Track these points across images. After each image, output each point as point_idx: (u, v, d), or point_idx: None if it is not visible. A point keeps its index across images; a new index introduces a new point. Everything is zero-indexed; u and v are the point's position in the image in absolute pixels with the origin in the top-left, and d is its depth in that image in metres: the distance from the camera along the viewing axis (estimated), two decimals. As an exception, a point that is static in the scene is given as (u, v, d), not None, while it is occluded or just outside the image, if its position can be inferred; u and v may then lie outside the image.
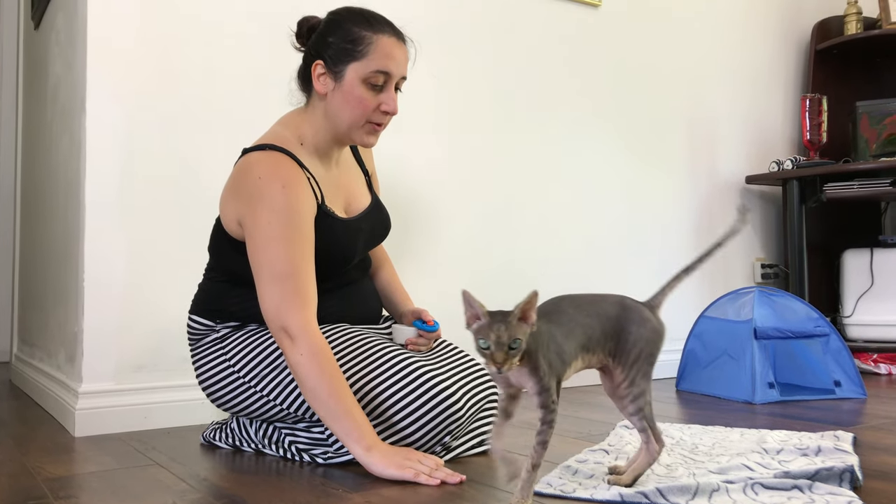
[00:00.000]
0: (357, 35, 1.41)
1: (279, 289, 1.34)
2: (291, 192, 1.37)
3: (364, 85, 1.42)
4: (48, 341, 2.21)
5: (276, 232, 1.35)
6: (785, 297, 2.27)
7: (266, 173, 1.38)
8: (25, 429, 1.78)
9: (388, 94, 1.45)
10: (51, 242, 2.22)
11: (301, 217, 1.38)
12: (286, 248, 1.35)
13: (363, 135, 1.47)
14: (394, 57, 1.43)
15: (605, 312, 1.22)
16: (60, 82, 2.13)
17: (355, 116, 1.44)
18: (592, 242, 2.60)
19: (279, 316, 1.34)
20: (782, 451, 1.39)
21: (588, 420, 1.84)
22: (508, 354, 1.04)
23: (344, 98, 1.43)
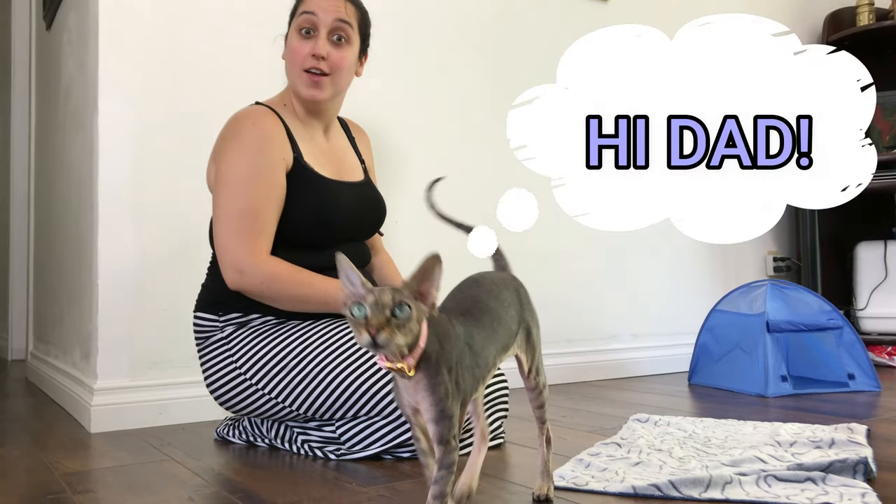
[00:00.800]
0: (297, 1, 1.55)
1: (234, 225, 1.41)
2: (260, 132, 1.46)
3: (297, 35, 1.52)
4: (63, 339, 2.23)
5: (240, 169, 1.44)
6: (798, 291, 2.27)
7: (241, 115, 1.50)
8: (42, 425, 1.80)
9: (317, 40, 1.50)
10: (64, 241, 2.24)
11: (268, 160, 1.45)
12: (247, 186, 1.43)
13: (303, 86, 1.52)
14: (321, 4, 1.50)
15: (512, 297, 1.06)
16: (73, 82, 2.14)
17: (294, 67, 1.53)
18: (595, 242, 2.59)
19: (229, 250, 1.41)
20: (795, 443, 1.39)
21: (600, 414, 1.84)
22: (389, 322, 0.83)
23: (286, 55, 1.55)
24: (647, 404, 1.99)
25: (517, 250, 2.37)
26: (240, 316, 1.50)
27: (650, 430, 1.57)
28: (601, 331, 2.57)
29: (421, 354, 0.88)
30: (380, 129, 2.18)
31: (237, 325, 1.50)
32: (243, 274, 1.41)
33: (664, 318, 2.73)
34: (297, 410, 1.43)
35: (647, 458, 1.30)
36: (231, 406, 1.51)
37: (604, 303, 2.58)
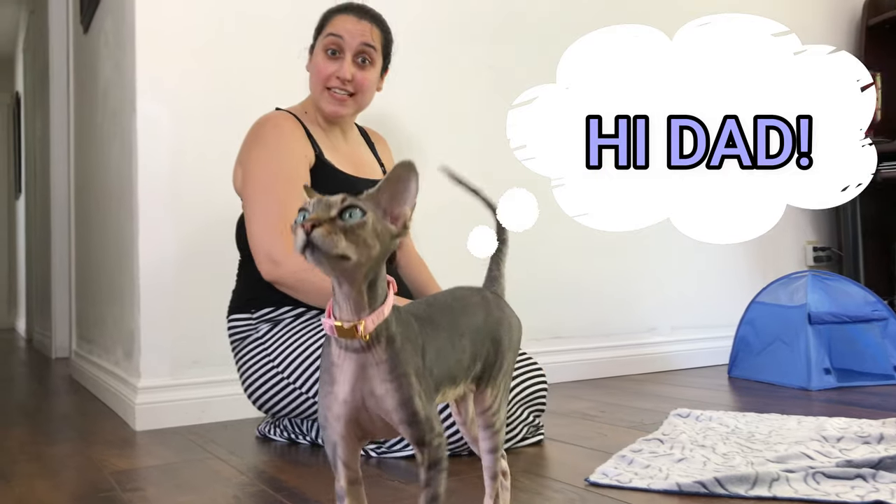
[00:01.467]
0: (324, 16, 1.61)
1: (267, 220, 1.45)
2: (283, 132, 1.52)
3: (323, 53, 1.58)
4: (105, 337, 2.27)
5: (266, 168, 1.48)
6: (840, 281, 2.22)
7: (262, 120, 1.56)
8: (88, 423, 1.83)
9: (343, 62, 1.56)
10: (105, 241, 2.28)
11: (291, 157, 1.50)
12: (275, 183, 1.47)
13: (325, 102, 1.59)
14: (346, 27, 1.56)
15: (474, 323, 0.86)
16: (110, 84, 2.17)
17: (317, 82, 1.60)
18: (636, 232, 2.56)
19: (263, 242, 1.45)
20: (843, 438, 1.36)
21: (640, 409, 1.83)
22: (333, 222, 0.67)
23: (311, 71, 1.62)
24: (687, 398, 1.96)
25: (553, 243, 2.37)
26: (273, 309, 1.51)
27: (692, 425, 1.55)
28: (640, 324, 2.55)
29: (385, 328, 0.70)
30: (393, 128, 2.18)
31: (271, 323, 1.52)
32: (278, 264, 1.44)
33: (703, 311, 2.70)
34: (337, 409, 1.44)
35: (690, 455, 1.29)
36: (270, 408, 1.52)
37: (642, 296, 2.56)
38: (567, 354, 2.36)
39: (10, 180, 6.80)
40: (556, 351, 2.35)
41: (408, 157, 0.78)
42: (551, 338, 2.36)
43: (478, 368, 0.85)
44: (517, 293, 2.37)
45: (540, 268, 2.36)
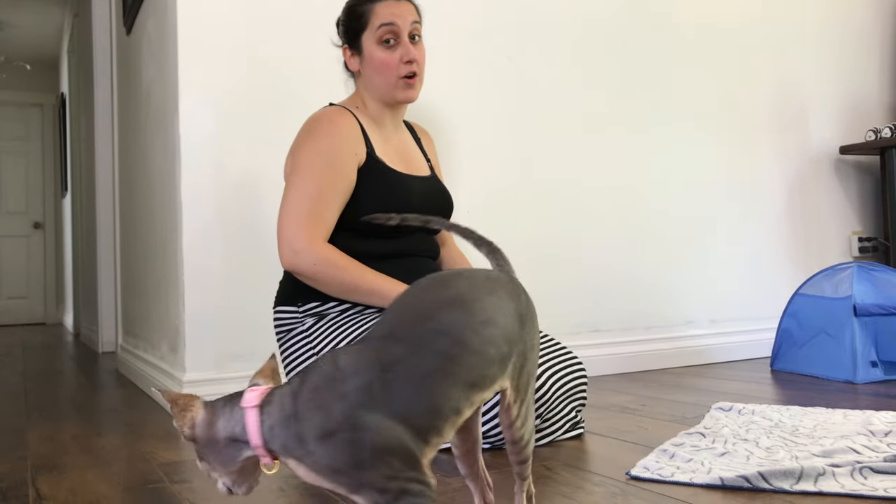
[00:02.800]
0: (360, 10, 1.58)
1: (297, 207, 1.46)
2: (335, 128, 1.52)
3: (380, 46, 1.56)
4: (151, 332, 2.32)
5: (311, 159, 1.49)
6: (887, 272, 2.18)
7: (318, 115, 1.56)
8: (136, 415, 1.88)
9: (405, 45, 1.56)
10: (150, 238, 2.33)
11: (339, 152, 1.50)
12: (316, 173, 1.48)
13: (400, 91, 1.58)
14: (394, 12, 1.56)
15: (506, 308, 0.78)
16: (153, 85, 2.22)
17: (386, 77, 1.57)
18: (675, 226, 2.54)
19: (288, 229, 1.45)
20: (890, 433, 1.34)
21: (680, 402, 1.81)
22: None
23: (371, 66, 1.58)
24: (728, 392, 1.94)
25: (592, 238, 2.36)
26: (318, 305, 1.53)
27: (734, 418, 1.54)
28: (678, 317, 2.52)
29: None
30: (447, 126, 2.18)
31: (317, 317, 1.53)
32: (298, 254, 1.45)
33: (743, 303, 2.66)
34: (376, 401, 1.45)
35: (732, 449, 1.28)
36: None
37: (681, 288, 2.53)
38: (606, 348, 2.35)
39: (56, 179, 6.98)
40: (595, 344, 2.34)
41: (474, 147, 0.79)
42: (590, 331, 2.35)
43: (515, 365, 0.78)
44: (556, 287, 2.38)
45: (579, 263, 2.35)
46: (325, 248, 1.46)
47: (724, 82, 2.66)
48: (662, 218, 2.51)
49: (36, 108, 7.04)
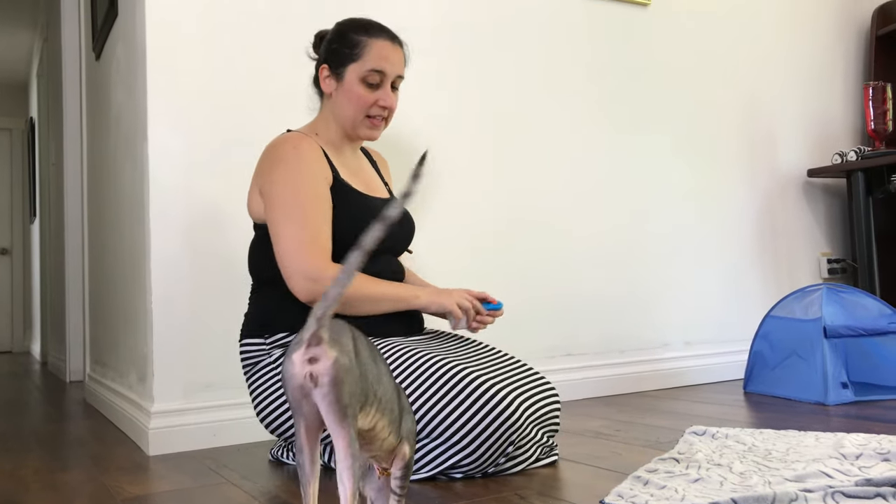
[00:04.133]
0: (355, 40, 1.58)
1: (299, 238, 1.45)
2: (303, 152, 1.51)
3: (362, 84, 1.57)
4: (119, 361, 2.28)
5: (291, 188, 1.48)
6: (855, 294, 2.20)
7: (279, 141, 1.55)
8: (102, 448, 1.84)
9: (385, 91, 1.59)
10: (118, 266, 2.29)
11: (314, 175, 1.50)
12: (302, 202, 1.47)
13: (364, 129, 1.61)
14: (388, 58, 1.58)
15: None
16: (122, 110, 2.20)
17: (356, 112, 1.59)
18: (644, 248, 2.56)
19: (297, 261, 1.44)
20: (861, 455, 1.34)
21: (655, 427, 1.81)
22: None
23: (345, 96, 1.59)
24: (702, 415, 1.95)
25: (565, 260, 2.36)
26: (287, 334, 1.51)
27: (708, 443, 1.54)
28: (653, 339, 2.53)
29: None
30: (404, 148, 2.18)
31: (285, 348, 1.52)
32: (316, 282, 1.43)
33: (716, 325, 2.68)
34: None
35: (706, 474, 1.27)
36: (283, 432, 1.52)
37: (655, 311, 2.54)
38: (580, 372, 2.35)
39: (24, 204, 6.88)
40: (569, 368, 2.34)
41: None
42: (564, 355, 2.35)
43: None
44: (529, 311, 2.38)
45: (552, 285, 2.35)
46: (339, 269, 1.44)
47: (694, 107, 2.70)
48: (635, 241, 2.53)
49: (5, 133, 6.95)
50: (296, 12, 2.02)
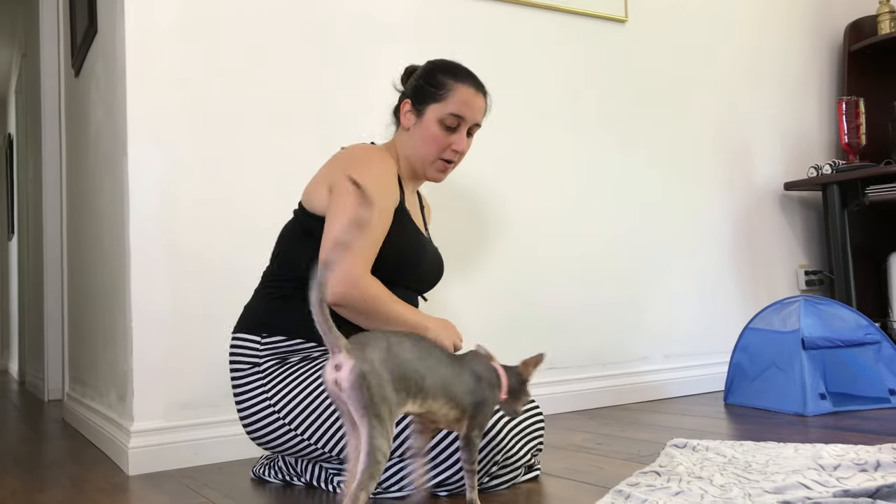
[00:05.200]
0: (441, 81, 1.61)
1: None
2: (386, 166, 1.54)
3: (439, 125, 1.60)
4: (98, 380, 2.26)
5: (370, 192, 1.44)
6: (832, 306, 2.23)
7: (368, 148, 1.58)
8: (81, 469, 1.82)
9: (460, 136, 1.62)
10: (97, 284, 2.28)
11: (389, 189, 1.52)
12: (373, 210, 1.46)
13: (434, 170, 1.64)
14: (469, 104, 1.60)
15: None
16: (102, 128, 2.19)
17: (429, 151, 1.61)
18: (624, 263, 2.58)
19: (349, 261, 1.42)
20: (839, 466, 1.36)
21: (636, 440, 1.82)
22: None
23: (421, 133, 1.61)
24: (683, 427, 1.96)
25: (545, 275, 2.38)
26: (283, 339, 1.49)
27: (689, 455, 1.55)
28: (634, 353, 2.55)
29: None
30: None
31: (277, 360, 1.50)
32: (354, 287, 1.42)
33: (696, 338, 2.70)
34: (331, 452, 1.43)
35: (687, 487, 1.28)
36: (265, 444, 1.52)
37: (635, 324, 2.56)
38: (562, 385, 2.36)
39: (2, 222, 6.80)
40: (550, 382, 2.35)
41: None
42: (546, 369, 2.36)
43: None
44: (509, 326, 2.39)
45: (532, 300, 2.36)
46: (376, 284, 1.46)
47: (671, 122, 2.73)
48: (614, 255, 2.55)
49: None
50: (277, 29, 2.02)
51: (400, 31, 2.22)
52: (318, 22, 2.08)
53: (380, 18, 2.18)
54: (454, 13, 2.32)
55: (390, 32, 2.20)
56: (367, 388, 1.01)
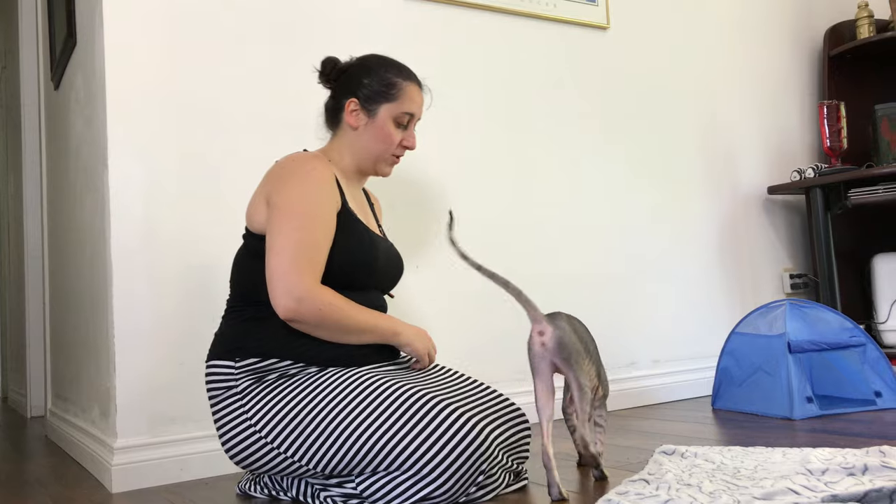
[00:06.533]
0: (391, 80, 1.64)
1: (294, 255, 1.44)
2: (319, 173, 1.53)
3: (393, 122, 1.65)
4: (81, 396, 2.23)
5: (302, 204, 1.48)
6: (817, 309, 2.24)
7: (299, 157, 1.56)
8: (63, 487, 1.79)
9: (410, 132, 1.68)
10: (79, 298, 2.25)
11: (325, 197, 1.51)
12: (308, 220, 1.47)
13: (385, 166, 1.69)
14: (417, 101, 1.68)
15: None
16: (82, 140, 2.17)
17: (383, 149, 1.65)
18: (610, 268, 2.58)
19: (287, 277, 1.43)
20: (827, 470, 1.36)
21: (625, 447, 1.81)
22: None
23: (375, 132, 1.64)
24: (671, 433, 1.96)
25: (533, 279, 2.37)
26: (258, 361, 1.48)
27: (677, 462, 1.54)
28: (621, 358, 2.55)
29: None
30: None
31: (253, 379, 1.48)
32: (302, 301, 1.42)
33: (683, 343, 2.70)
34: (315, 468, 1.41)
35: (676, 495, 1.28)
36: (248, 465, 1.49)
37: (622, 330, 2.56)
38: (550, 393, 2.35)
39: (-17, 236, 6.72)
40: (539, 390, 2.33)
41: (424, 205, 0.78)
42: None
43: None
44: (495, 333, 2.38)
45: (518, 307, 2.35)
46: (326, 293, 1.45)
47: (654, 127, 2.74)
48: (600, 261, 2.55)
49: (-38, 163, 6.80)
50: (258, 37, 2.01)
51: (390, 34, 2.21)
52: (296, 24, 2.07)
53: (361, 20, 2.18)
54: (435, 18, 2.31)
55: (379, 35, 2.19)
56: (566, 346, 1.39)
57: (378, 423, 1.36)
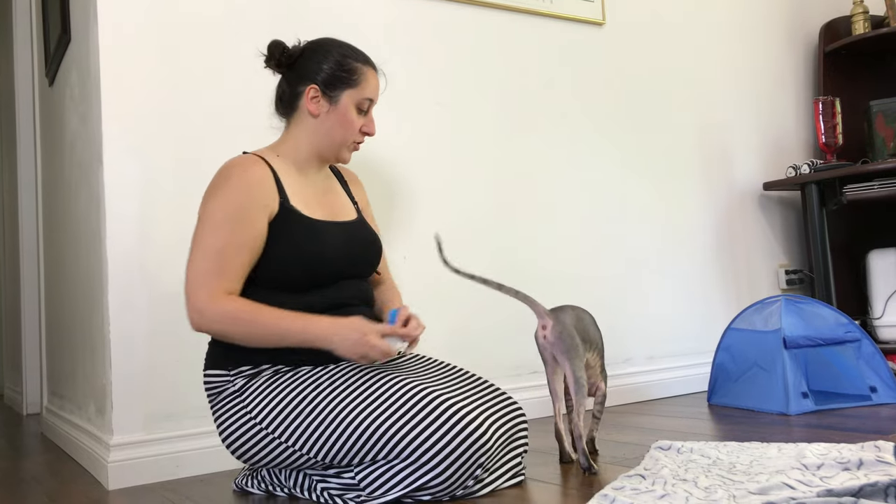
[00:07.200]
0: (352, 66, 1.61)
1: (200, 265, 1.44)
2: (245, 179, 1.49)
3: (355, 109, 1.62)
4: (77, 393, 2.22)
5: (217, 212, 1.47)
6: (812, 304, 2.25)
7: (230, 164, 1.53)
8: (59, 484, 1.79)
9: (369, 118, 1.66)
10: (75, 295, 2.25)
11: (247, 204, 1.48)
12: (220, 228, 1.46)
13: (346, 152, 1.65)
14: (376, 87, 1.65)
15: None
16: (77, 137, 2.16)
17: (345, 136, 1.62)
18: (606, 265, 2.58)
19: (192, 290, 1.43)
20: (823, 465, 1.36)
21: (621, 443, 1.82)
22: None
23: (338, 119, 1.61)
24: (667, 429, 1.96)
25: (528, 276, 2.37)
26: (250, 368, 1.49)
27: (673, 458, 1.55)
28: (617, 355, 2.55)
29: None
30: (387, 168, 2.18)
31: (248, 378, 1.49)
32: (202, 314, 1.43)
33: (679, 339, 2.71)
34: (315, 457, 1.42)
35: (672, 490, 1.28)
36: (248, 457, 1.49)
37: (618, 326, 2.56)
38: (545, 389, 2.35)
39: (-22, 233, 6.70)
40: (535, 386, 2.34)
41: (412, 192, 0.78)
42: (530, 373, 2.35)
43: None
44: (493, 328, 2.38)
45: (515, 303, 2.35)
46: (227, 303, 1.43)
47: (650, 124, 2.74)
48: (595, 257, 2.55)
49: (-44, 160, 6.78)
50: (254, 31, 2.01)
51: (381, 34, 2.21)
52: (290, 20, 2.07)
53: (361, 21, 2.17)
54: (428, 16, 2.31)
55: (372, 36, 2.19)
56: (563, 340, 1.51)
57: (380, 412, 1.37)
